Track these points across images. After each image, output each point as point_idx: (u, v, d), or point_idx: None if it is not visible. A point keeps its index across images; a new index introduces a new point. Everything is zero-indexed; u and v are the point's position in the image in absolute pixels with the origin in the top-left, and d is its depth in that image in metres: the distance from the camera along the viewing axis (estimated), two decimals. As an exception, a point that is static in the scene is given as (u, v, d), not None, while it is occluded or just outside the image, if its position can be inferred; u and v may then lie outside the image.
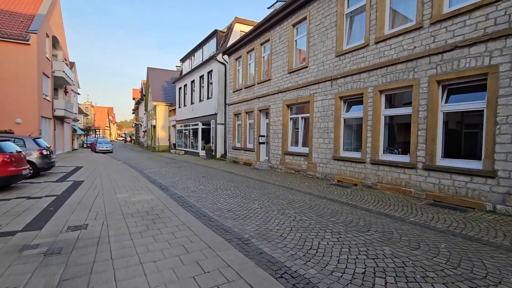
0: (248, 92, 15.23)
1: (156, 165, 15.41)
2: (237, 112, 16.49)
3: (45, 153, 10.06)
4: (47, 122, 19.56)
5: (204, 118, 21.52)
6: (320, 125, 10.06)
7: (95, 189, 8.09)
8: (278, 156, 12.48)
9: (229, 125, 17.55)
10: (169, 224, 4.84)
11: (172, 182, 9.61)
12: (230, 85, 17.36)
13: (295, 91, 11.43)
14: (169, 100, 33.08)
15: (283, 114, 12.16)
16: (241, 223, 4.94)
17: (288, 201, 6.65)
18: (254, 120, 14.59)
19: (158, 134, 32.78)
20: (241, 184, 9.21)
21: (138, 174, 11.69)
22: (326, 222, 4.95)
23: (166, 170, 13.02)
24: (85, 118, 60.55)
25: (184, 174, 11.77)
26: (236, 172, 12.43)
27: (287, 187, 8.67)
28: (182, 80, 27.13)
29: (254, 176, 11.12)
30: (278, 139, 12.55)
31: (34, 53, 16.73)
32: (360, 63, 8.53)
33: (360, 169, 8.52)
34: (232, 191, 7.92)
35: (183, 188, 8.47)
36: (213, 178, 10.44)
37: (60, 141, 23.84)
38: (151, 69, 36.05)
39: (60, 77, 21.08)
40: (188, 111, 24.92)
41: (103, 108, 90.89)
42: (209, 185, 8.86)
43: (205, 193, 7.67)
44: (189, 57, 25.63)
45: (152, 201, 6.58)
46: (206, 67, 20.91)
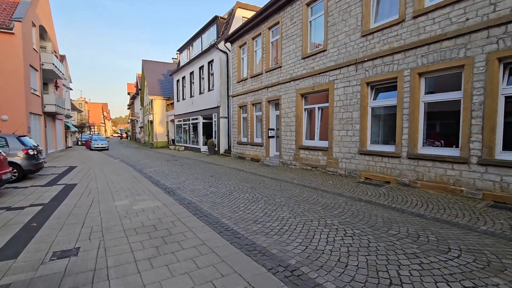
0: (254, 81, 14.03)
1: (157, 163, 14.25)
2: (242, 104, 15.31)
3: (31, 153, 8.86)
4: (36, 118, 18.21)
5: (205, 111, 20.30)
6: (342, 116, 8.96)
7: (90, 195, 6.94)
8: (291, 151, 11.39)
9: (234, 119, 16.38)
10: (185, 244, 3.74)
11: (178, 183, 8.49)
12: (234, 75, 16.12)
13: (310, 79, 10.28)
14: (167, 93, 31.70)
15: (297, 105, 11.02)
16: (278, 240, 3.86)
17: (321, 206, 5.58)
18: (262, 112, 13.44)
19: (156, 130, 31.49)
20: (257, 184, 8.12)
21: (138, 174, 10.54)
22: (387, 238, 3.89)
23: (168, 169, 11.88)
24: (79, 114, 58.72)
25: (189, 173, 10.64)
26: (245, 170, 11.33)
27: (310, 187, 7.60)
28: (180, 72, 25.75)
29: (267, 174, 10.04)
30: (290, 133, 11.44)
31: (19, 43, 15.30)
32: (393, 42, 7.39)
33: (393, 164, 7.46)
34: (250, 193, 6.83)
35: (192, 190, 7.35)
36: (223, 178, 9.34)
37: (52, 139, 22.50)
38: (146, 62, 34.51)
39: (49, 70, 19.64)
40: (188, 104, 23.65)
41: (97, 104, 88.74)
42: (221, 187, 7.75)
43: (219, 197, 6.57)
44: (187, 47, 24.22)
45: (158, 210, 5.47)
46: (206, 57, 19.59)
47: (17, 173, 8.53)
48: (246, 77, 14.80)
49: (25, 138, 9.43)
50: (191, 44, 23.52)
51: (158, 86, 32.22)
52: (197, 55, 20.86)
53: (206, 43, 20.51)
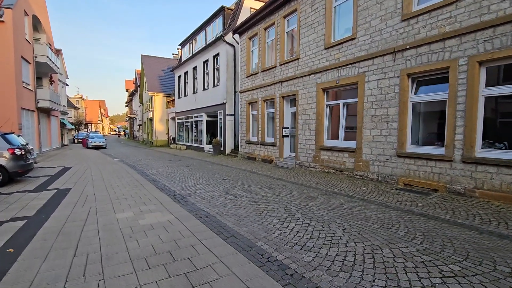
0: (266, 76, 12.90)
1: (159, 164, 13.10)
2: (251, 101, 14.18)
3: (18, 153, 7.69)
4: (29, 114, 16.97)
5: (209, 108, 19.15)
6: (375, 112, 7.87)
7: (86, 204, 5.81)
8: (311, 152, 10.30)
9: (242, 116, 15.25)
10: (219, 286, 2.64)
11: (187, 188, 7.36)
12: (243, 69, 14.98)
13: (335, 71, 9.17)
14: (167, 90, 30.48)
15: (317, 100, 9.92)
16: (351, 283, 2.76)
17: (377, 224, 4.48)
18: (276, 109, 12.32)
19: (156, 128, 30.28)
20: (281, 190, 7.01)
21: (140, 176, 9.39)
22: (498, 277, 2.80)
23: (173, 170, 10.74)
24: (75, 111, 57.26)
25: (198, 175, 9.52)
26: (259, 172, 10.22)
27: (344, 195, 6.51)
28: (182, 67, 24.55)
29: (286, 177, 8.94)
30: (309, 132, 10.34)
31: (9, 32, 14.06)
32: (444, 26, 6.29)
33: (443, 169, 6.39)
34: (279, 204, 5.72)
35: (206, 199, 6.24)
36: (238, 182, 8.22)
37: (47, 136, 21.24)
38: (146, 57, 33.24)
39: (43, 63, 18.38)
40: (190, 101, 22.47)
41: (95, 102, 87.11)
42: (240, 194, 6.64)
43: (241, 207, 5.46)
44: (190, 41, 23.02)
45: (171, 227, 4.35)
46: (212, 50, 18.42)
47: (1, 176, 7.36)
48: (256, 71, 13.67)
49: (11, 136, 8.24)
50: (194, 37, 22.32)
51: (158, 82, 30.98)
52: (201, 48, 19.68)
53: (210, 36, 19.34)
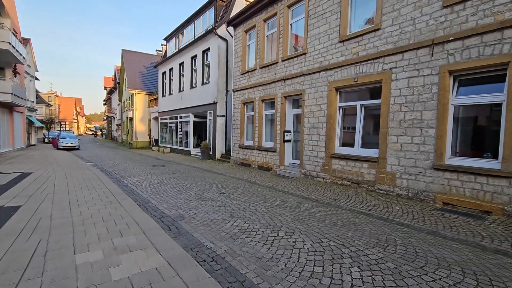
0: (265, 72, 11.50)
1: (140, 170, 11.29)
2: (247, 100, 12.71)
3: None
4: (-16, 109, 14.51)
5: (197, 108, 17.45)
6: (405, 116, 6.66)
7: (34, 234, 4.08)
8: (319, 160, 8.97)
9: (235, 118, 13.74)
10: None
11: (178, 206, 5.77)
12: (237, 66, 13.50)
13: (352, 68, 7.93)
14: (149, 88, 28.33)
15: (329, 101, 8.63)
16: None
17: (467, 275, 3.15)
18: (276, 111, 10.93)
19: (136, 128, 27.99)
20: (298, 211, 5.57)
21: (116, 187, 7.63)
22: None
23: (157, 179, 9.03)
24: (47, 108, 53.08)
25: (189, 187, 7.89)
26: (259, 182, 8.77)
27: (378, 218, 5.19)
28: (166, 63, 22.65)
29: (293, 190, 7.54)
30: (318, 137, 9.03)
31: (-41, 10, 11.74)
32: (502, 12, 5.18)
33: (498, 187, 5.23)
34: (309, 236, 4.26)
35: (206, 224, 4.69)
36: (240, 197, 6.71)
37: (8, 135, 18.60)
38: (127, 52, 30.88)
39: (4, 51, 15.93)
40: (175, 100, 20.64)
41: (70, 99, 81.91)
42: (250, 216, 5.13)
43: (261, 243, 3.97)
44: (176, 34, 21.23)
45: (163, 285, 2.79)
46: (201, 45, 16.79)
47: None
48: (253, 67, 12.24)
49: None
50: (181, 31, 20.57)
51: (139, 79, 28.73)
52: (189, 43, 17.98)
53: (200, 29, 17.71)
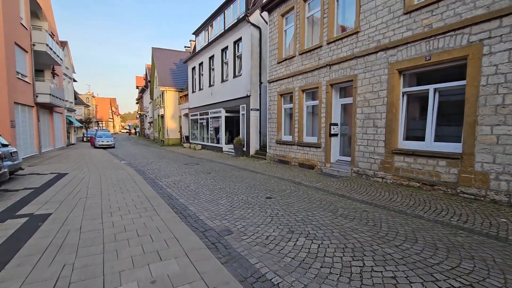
0: (307, 59, 10.27)
1: (174, 169, 10.70)
2: (285, 91, 11.58)
3: (-22, 161, 5.35)
4: (25, 110, 14.88)
5: (229, 103, 16.65)
6: (505, 100, 5.15)
7: (59, 255, 3.37)
8: (377, 157, 7.64)
9: (271, 111, 12.68)
10: None
11: (221, 215, 4.86)
12: (273, 54, 12.38)
13: (422, 44, 6.48)
14: (179, 84, 28.18)
15: (390, 86, 7.24)
16: None
17: None
18: (320, 101, 9.69)
19: (167, 125, 28.04)
20: (373, 225, 4.39)
21: (151, 190, 6.97)
22: None
23: (193, 180, 8.29)
24: (85, 109, 56.00)
25: (228, 188, 7.02)
26: (305, 183, 7.67)
27: (485, 235, 3.86)
28: (196, 58, 22.14)
29: (351, 194, 6.34)
30: (375, 129, 7.69)
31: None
32: None
33: None
34: (418, 271, 3.12)
35: (262, 243, 3.71)
36: (291, 202, 5.67)
37: (49, 135, 19.23)
38: (157, 50, 31.02)
39: (42, 53, 16.25)
40: (206, 95, 20.05)
41: (106, 99, 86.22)
42: (314, 233, 4.06)
43: (341, 273, 2.89)
44: (205, 27, 20.54)
45: None
46: (232, 35, 15.87)
47: (-50, 196, 5.04)
48: (292, 54, 11.04)
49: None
50: (210, 23, 19.82)
51: (169, 76, 28.69)
52: (219, 34, 17.15)
53: (230, 19, 16.78)
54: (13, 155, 8.08)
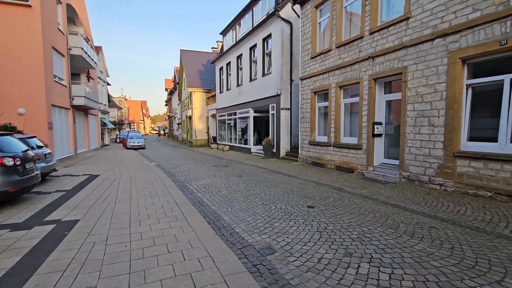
0: (345, 52, 9.38)
1: (203, 171, 10.31)
2: (319, 89, 10.75)
3: (9, 164, 5.19)
4: (62, 112, 15.41)
5: (257, 102, 16.09)
6: None
7: (80, 275, 2.93)
8: (433, 161, 6.61)
9: (303, 109, 11.90)
10: None
11: (260, 228, 4.24)
12: (305, 50, 11.60)
13: (495, 25, 5.41)
14: (207, 85, 28.21)
15: (450, 79, 6.20)
16: None
17: None
18: (361, 98, 8.77)
19: (195, 126, 28.17)
20: (451, 247, 3.52)
21: (181, 195, 6.54)
22: None
23: (224, 184, 7.78)
24: (118, 111, 58.61)
25: (263, 194, 6.39)
26: (347, 189, 6.82)
27: None
28: (223, 58, 21.89)
29: (407, 204, 5.44)
30: (430, 128, 6.66)
31: (37, 18, 12.32)
32: None
33: None
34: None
35: (315, 269, 3.03)
36: (338, 213, 4.91)
37: (84, 136, 19.95)
38: (185, 52, 31.37)
39: (78, 56, 16.81)
40: (233, 95, 19.68)
41: (137, 102, 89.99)
42: (378, 257, 3.30)
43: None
44: (233, 27, 20.20)
45: None
46: (261, 32, 15.30)
47: (-18, 200, 4.93)
48: (328, 48, 10.20)
49: (4, 138, 5.78)
50: (237, 22, 19.43)
51: (197, 77, 28.84)
52: (248, 32, 16.66)
53: (259, 16, 16.22)
54: (47, 156, 8.11)
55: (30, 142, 7.80)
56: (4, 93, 11.82)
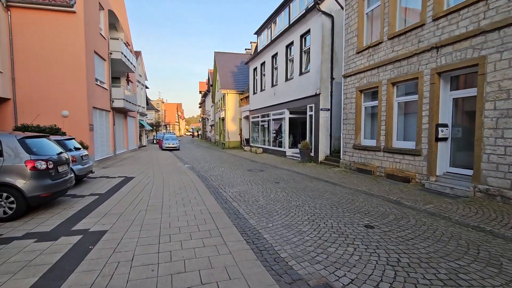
0: (399, 43, 8.18)
1: (237, 176, 9.71)
2: (366, 86, 9.62)
3: (42, 167, 4.97)
4: (103, 114, 15.90)
5: (294, 103, 15.21)
6: None
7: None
8: (525, 172, 5.25)
9: (347, 110, 10.80)
10: None
11: (313, 256, 3.42)
12: (350, 43, 10.52)
13: None
14: (240, 87, 27.91)
15: (553, 69, 4.84)
16: None
17: None
18: (421, 95, 7.51)
19: (228, 128, 27.99)
20: None
21: (215, 203, 5.95)
22: None
23: (261, 192, 7.06)
24: (156, 113, 61.17)
25: (307, 208, 5.55)
26: (409, 203, 5.70)
27: None
28: (257, 58, 21.34)
29: (498, 229, 4.22)
30: (520, 131, 5.31)
31: (80, 24, 12.72)
32: None
33: None
34: None
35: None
36: (408, 238, 3.92)
37: (123, 138, 20.59)
38: (219, 54, 31.48)
39: (118, 60, 17.33)
40: (268, 96, 18.99)
41: (173, 105, 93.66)
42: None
43: None
44: (268, 25, 19.55)
45: None
46: (299, 28, 14.43)
47: (14, 205, 4.72)
48: (378, 40, 9.04)
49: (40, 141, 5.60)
50: (273, 20, 18.73)
51: (231, 78, 28.69)
52: (284, 30, 15.87)
53: (296, 12, 15.35)
54: (83, 158, 8.06)
55: (68, 144, 7.79)
56: (49, 96, 12.34)
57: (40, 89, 12.28)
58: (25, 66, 12.12)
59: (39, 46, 12.22)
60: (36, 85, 12.24)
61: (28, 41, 12.12)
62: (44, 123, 11.58)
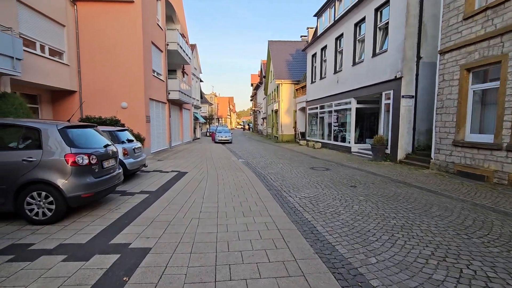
0: (546, -4, 5.64)
1: (301, 175, 8.23)
2: (477, 64, 7.16)
3: (83, 163, 4.22)
4: (159, 106, 15.86)
5: (363, 91, 13.00)
6: None
7: None
8: None
9: (444, 95, 8.40)
10: None
11: None
12: (452, 9, 8.05)
13: None
14: (296, 76, 26.10)
15: None
16: None
17: None
18: None
19: (282, 121, 26.51)
20: None
21: (280, 212, 4.61)
22: None
23: (338, 199, 5.48)
24: (209, 107, 62.81)
25: (424, 236, 3.81)
26: None
27: None
28: (317, 43, 19.28)
29: None
30: None
31: (138, 14, 12.52)
32: None
33: None
34: None
35: None
36: None
37: (178, 130, 20.72)
38: (273, 42, 29.99)
39: (174, 52, 17.15)
40: (329, 84, 16.93)
41: (225, 98, 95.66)
42: None
43: None
44: (330, 4, 17.30)
45: None
46: (373, 1, 12.09)
47: (54, 205, 4.03)
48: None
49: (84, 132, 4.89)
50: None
51: (285, 68, 27.02)
52: (353, 5, 13.58)
53: (368, -18, 12.95)
54: (136, 151, 7.49)
55: (120, 135, 7.27)
56: (109, 87, 12.45)
57: (102, 81, 12.46)
58: (89, 59, 12.38)
59: (101, 39, 12.36)
60: (99, 77, 12.44)
61: (92, 34, 12.32)
62: (105, 115, 11.69)
